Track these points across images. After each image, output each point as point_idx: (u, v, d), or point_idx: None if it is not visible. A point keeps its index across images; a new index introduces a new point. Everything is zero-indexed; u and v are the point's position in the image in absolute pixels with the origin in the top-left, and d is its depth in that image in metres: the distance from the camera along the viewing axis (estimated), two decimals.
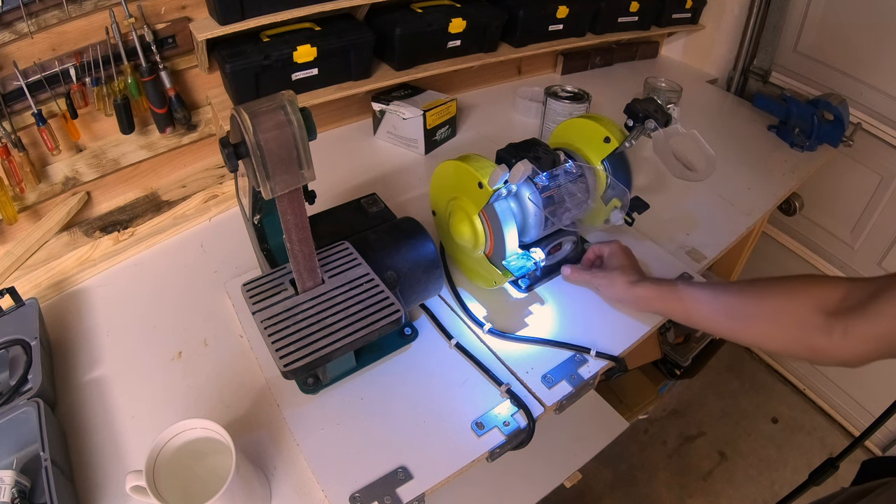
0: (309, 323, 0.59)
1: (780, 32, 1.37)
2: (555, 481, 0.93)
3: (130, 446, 0.61)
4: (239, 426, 0.63)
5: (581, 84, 1.14)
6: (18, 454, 0.58)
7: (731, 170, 1.09)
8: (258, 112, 0.50)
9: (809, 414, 1.67)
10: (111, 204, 0.95)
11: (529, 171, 0.64)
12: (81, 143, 0.88)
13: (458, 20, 1.06)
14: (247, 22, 0.86)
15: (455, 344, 0.71)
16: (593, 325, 0.75)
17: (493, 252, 0.72)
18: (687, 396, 1.72)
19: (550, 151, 0.75)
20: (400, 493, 0.56)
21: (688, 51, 1.56)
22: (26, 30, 0.75)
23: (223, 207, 0.93)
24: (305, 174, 0.54)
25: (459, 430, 0.62)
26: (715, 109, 1.36)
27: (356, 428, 0.62)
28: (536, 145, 0.76)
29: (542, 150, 0.75)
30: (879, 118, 1.25)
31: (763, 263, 1.65)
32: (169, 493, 0.49)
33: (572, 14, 1.22)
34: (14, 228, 0.86)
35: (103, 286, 0.80)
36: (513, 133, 1.18)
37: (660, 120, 0.74)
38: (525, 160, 0.65)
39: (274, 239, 0.72)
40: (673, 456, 1.57)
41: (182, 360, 0.70)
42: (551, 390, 0.67)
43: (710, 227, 0.95)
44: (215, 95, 0.97)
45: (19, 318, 0.67)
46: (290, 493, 0.58)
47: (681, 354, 1.42)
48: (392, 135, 1.11)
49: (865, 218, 1.37)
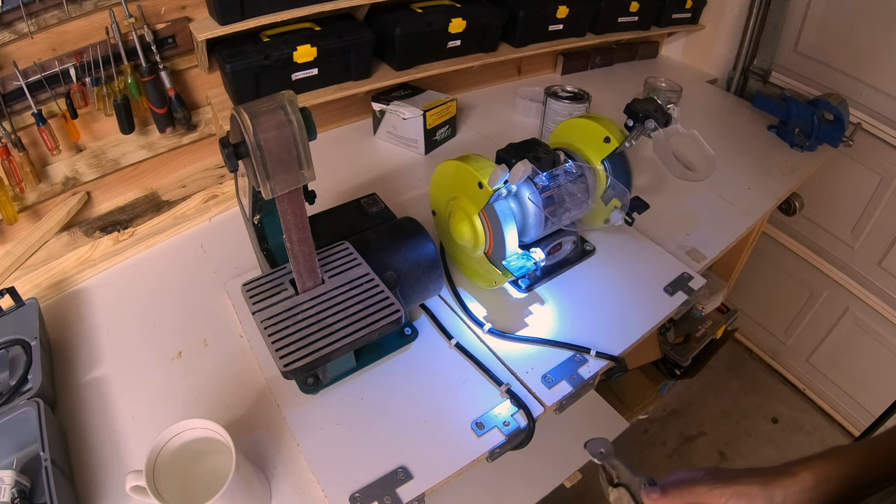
0: (309, 323, 0.59)
1: (780, 32, 1.37)
2: (555, 481, 0.93)
3: (130, 446, 0.61)
4: (239, 426, 0.63)
5: (581, 84, 1.14)
6: (18, 454, 0.58)
7: (731, 170, 1.09)
8: (258, 112, 0.50)
9: (809, 414, 1.67)
10: (111, 204, 0.95)
11: (529, 171, 0.64)
12: (81, 143, 0.88)
13: (458, 20, 1.06)
14: (247, 22, 0.86)
15: (455, 344, 0.71)
16: (593, 325, 0.75)
17: (492, 252, 0.72)
18: (687, 396, 1.71)
19: (550, 151, 0.75)
20: (400, 493, 0.56)
21: (688, 51, 1.56)
22: (26, 30, 0.75)
23: (223, 207, 0.93)
24: (305, 174, 0.54)
25: (459, 430, 0.62)
26: (715, 109, 1.36)
27: (356, 428, 0.62)
28: (536, 145, 0.76)
29: (542, 150, 0.75)
30: (879, 118, 1.25)
31: (763, 263, 1.65)
32: (169, 493, 0.49)
33: (572, 14, 1.22)
34: (14, 228, 0.86)
35: (103, 286, 0.80)
36: (513, 133, 1.18)
37: (660, 120, 0.74)
38: (525, 160, 0.65)
39: (274, 239, 0.72)
40: (673, 456, 1.57)
41: (182, 360, 0.70)
42: (551, 390, 0.67)
43: (710, 227, 0.94)
44: (215, 95, 0.97)
45: (19, 318, 0.67)
46: (290, 493, 0.58)
47: (681, 354, 1.42)
48: (392, 135, 1.11)
49: (865, 218, 1.37)
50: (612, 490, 0.45)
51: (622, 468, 0.45)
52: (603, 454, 0.47)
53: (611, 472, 0.46)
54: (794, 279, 1.60)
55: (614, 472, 0.46)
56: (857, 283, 1.44)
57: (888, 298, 1.38)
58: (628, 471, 0.45)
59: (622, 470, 0.45)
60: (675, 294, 0.80)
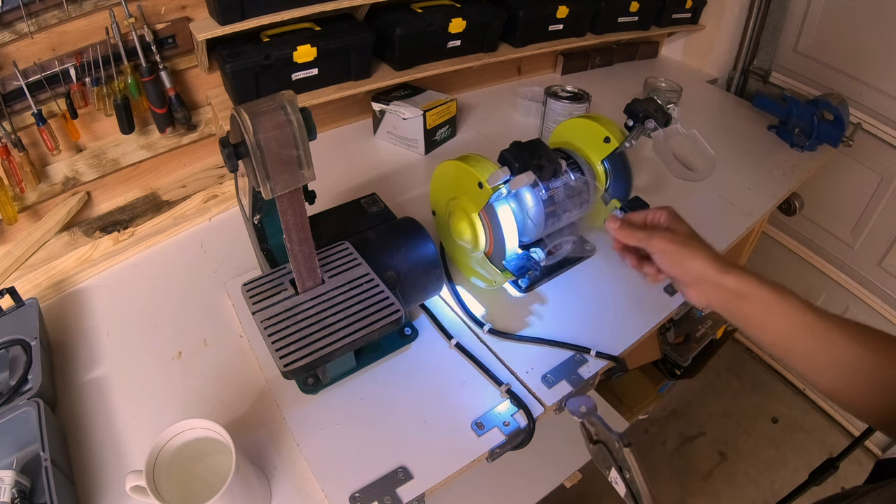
0: (309, 323, 0.59)
1: (780, 32, 1.37)
2: (555, 481, 0.93)
3: (130, 446, 0.61)
4: (239, 426, 0.63)
5: (581, 84, 1.14)
6: (18, 454, 0.58)
7: (731, 170, 1.09)
8: (258, 112, 0.50)
9: (809, 414, 1.67)
10: (111, 204, 0.95)
11: (531, 182, 0.65)
12: (81, 143, 0.88)
13: (458, 20, 1.06)
14: (247, 22, 0.86)
15: (455, 344, 0.71)
16: (593, 325, 0.75)
17: (493, 252, 0.72)
18: (687, 396, 1.72)
19: (553, 160, 0.73)
20: (400, 493, 0.56)
21: (688, 51, 1.56)
22: (26, 30, 0.75)
23: (223, 207, 0.93)
24: (305, 174, 0.54)
25: (459, 430, 0.62)
26: (715, 109, 1.36)
27: (356, 428, 0.62)
28: (541, 150, 0.73)
29: (546, 157, 0.72)
30: (879, 118, 1.25)
31: (763, 263, 1.65)
32: (169, 493, 0.49)
33: (572, 14, 1.22)
34: (14, 228, 0.86)
35: (103, 286, 0.80)
36: (513, 133, 1.18)
37: (660, 120, 0.74)
38: (529, 172, 0.65)
39: (274, 239, 0.72)
40: (673, 456, 1.57)
41: (182, 359, 0.70)
42: (551, 390, 0.67)
43: (710, 227, 0.94)
44: (215, 95, 0.97)
45: (19, 318, 0.67)
46: (290, 493, 0.58)
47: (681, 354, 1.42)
48: (392, 135, 1.11)
49: (865, 218, 1.37)
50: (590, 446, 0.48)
51: (600, 425, 0.47)
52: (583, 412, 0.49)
53: (590, 429, 0.48)
54: (794, 279, 1.60)
55: (593, 428, 0.47)
56: (857, 283, 1.44)
57: (888, 298, 1.39)
58: (605, 428, 0.47)
59: (600, 427, 0.47)
60: (675, 294, 0.80)
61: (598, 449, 0.46)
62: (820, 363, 0.48)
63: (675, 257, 0.53)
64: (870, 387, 0.46)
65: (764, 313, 0.49)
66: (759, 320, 0.50)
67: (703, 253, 0.52)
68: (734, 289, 0.50)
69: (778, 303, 0.48)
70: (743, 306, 0.50)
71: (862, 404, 0.48)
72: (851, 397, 0.48)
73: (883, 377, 0.45)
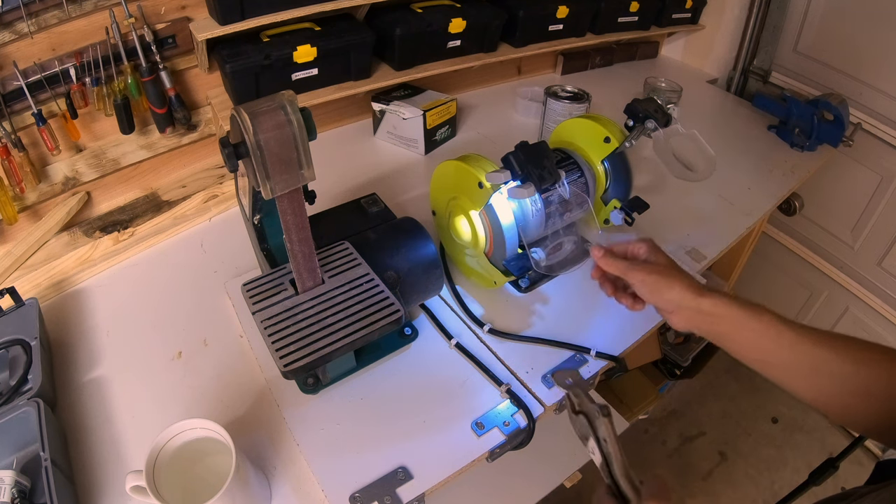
0: (309, 323, 0.59)
1: (780, 32, 1.37)
2: (555, 481, 0.93)
3: (130, 446, 0.61)
4: (239, 426, 0.63)
5: (581, 84, 1.14)
6: (18, 454, 0.58)
7: (731, 170, 1.09)
8: (258, 112, 0.50)
9: (809, 414, 1.67)
10: (111, 204, 0.95)
11: (533, 194, 0.65)
12: (81, 143, 0.88)
13: (458, 20, 1.06)
14: (247, 22, 0.86)
15: (455, 344, 0.71)
16: (593, 325, 0.75)
17: (493, 252, 0.72)
18: (687, 396, 1.71)
19: (555, 171, 0.70)
20: (400, 493, 0.56)
21: (688, 51, 1.56)
22: (26, 30, 0.75)
23: (223, 207, 0.93)
24: (305, 174, 0.54)
25: (459, 430, 0.62)
26: (715, 109, 1.36)
27: (356, 428, 0.62)
28: (545, 158, 0.70)
29: (549, 167, 0.70)
30: (879, 118, 1.25)
31: (763, 263, 1.65)
32: (169, 493, 0.49)
33: (572, 14, 1.22)
34: (14, 228, 0.86)
35: (103, 286, 0.80)
36: (513, 133, 1.18)
37: (660, 120, 0.74)
38: (531, 185, 0.65)
39: (274, 239, 0.72)
40: (673, 456, 1.57)
41: (182, 359, 0.70)
42: (551, 390, 0.67)
43: (710, 227, 0.94)
44: (215, 95, 0.97)
45: (19, 318, 0.67)
46: (290, 493, 0.58)
47: (681, 354, 1.43)
48: (392, 135, 1.11)
49: (865, 218, 1.37)
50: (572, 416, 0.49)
51: (583, 397, 0.49)
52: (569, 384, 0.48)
53: (574, 400, 0.49)
54: (794, 279, 1.60)
55: (576, 400, 0.49)
56: (857, 283, 1.44)
57: (888, 298, 1.38)
58: (587, 400, 0.48)
59: (583, 399, 0.48)
60: None
61: (579, 419, 0.48)
62: (799, 374, 0.50)
63: (655, 287, 0.56)
64: (857, 396, 0.47)
65: (737, 330, 0.53)
66: (733, 336, 0.53)
67: (681, 282, 0.55)
68: (709, 311, 0.53)
69: (748, 319, 0.52)
70: (719, 325, 0.53)
71: (849, 413, 0.49)
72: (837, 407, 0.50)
73: (872, 387, 0.46)
